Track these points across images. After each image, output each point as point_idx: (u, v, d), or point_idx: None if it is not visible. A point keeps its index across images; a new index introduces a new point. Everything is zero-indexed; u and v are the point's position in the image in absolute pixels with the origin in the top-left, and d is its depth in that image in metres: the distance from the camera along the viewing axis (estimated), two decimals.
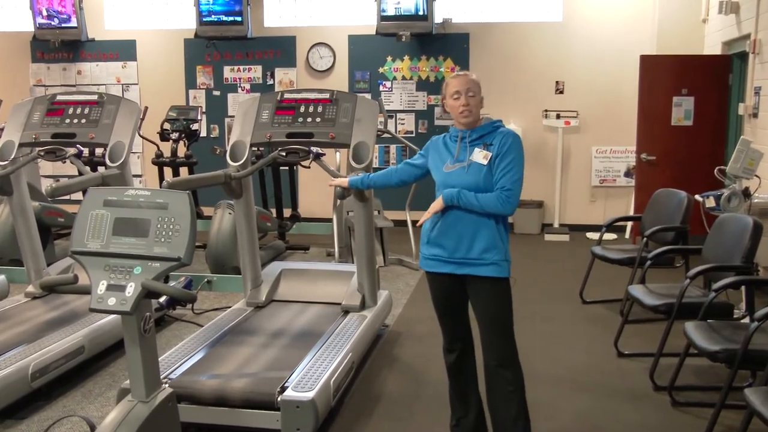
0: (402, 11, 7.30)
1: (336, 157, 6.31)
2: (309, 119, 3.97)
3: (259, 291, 4.30)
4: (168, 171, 6.71)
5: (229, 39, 7.80)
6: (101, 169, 4.65)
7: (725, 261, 3.60)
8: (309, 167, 4.25)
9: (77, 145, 4.28)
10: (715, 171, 4.74)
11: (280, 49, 8.00)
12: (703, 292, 3.77)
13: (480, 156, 2.64)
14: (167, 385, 2.72)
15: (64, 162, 4.31)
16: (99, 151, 6.29)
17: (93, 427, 2.65)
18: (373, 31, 7.46)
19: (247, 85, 8.12)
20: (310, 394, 2.94)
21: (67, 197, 4.85)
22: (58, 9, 7.96)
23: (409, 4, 7.27)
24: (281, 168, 6.76)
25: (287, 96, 4.09)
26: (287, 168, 6.84)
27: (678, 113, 6.52)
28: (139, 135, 6.16)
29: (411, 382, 3.70)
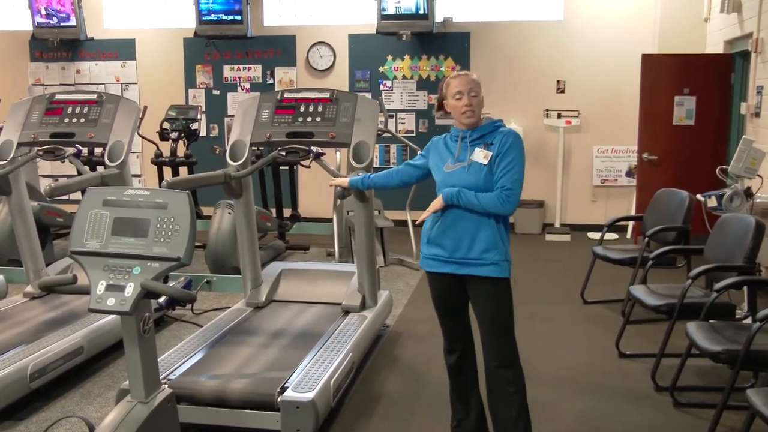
0: (402, 10, 7.29)
1: (336, 157, 6.30)
2: (309, 119, 3.97)
3: (259, 291, 4.29)
4: (167, 171, 6.70)
5: (228, 38, 7.79)
6: (100, 168, 4.64)
7: (727, 261, 3.59)
8: (309, 167, 4.24)
9: (76, 145, 4.28)
10: (717, 171, 4.73)
11: (280, 48, 7.99)
12: (704, 293, 3.76)
13: (480, 156, 2.64)
14: (166, 385, 2.70)
15: (62, 162, 4.30)
16: (98, 150, 6.29)
17: (92, 428, 2.65)
18: (374, 30, 7.46)
19: (247, 85, 8.11)
20: (310, 395, 2.93)
21: (66, 197, 4.84)
22: (57, 8, 7.95)
23: (410, 3, 7.26)
24: (281, 168, 6.75)
25: (287, 95, 4.08)
26: (287, 168, 6.83)
27: (680, 112, 6.50)
28: (139, 134, 6.16)
29: (411, 383, 3.69)
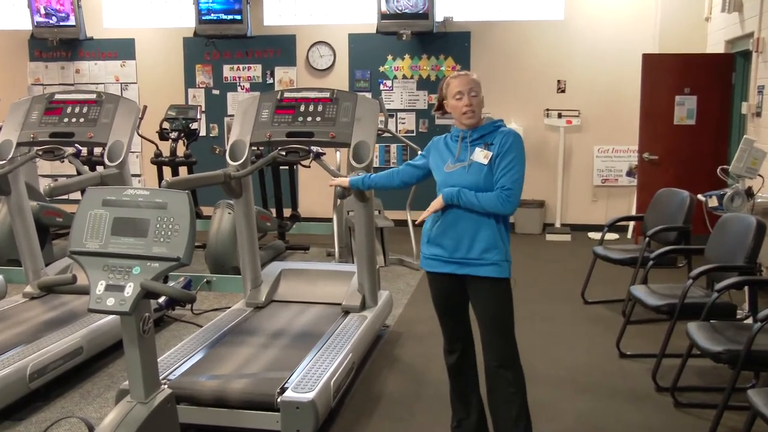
0: (403, 10, 7.27)
1: (336, 157, 6.29)
2: (309, 118, 3.96)
3: (259, 291, 4.29)
4: (167, 170, 6.69)
5: (228, 37, 7.78)
6: (100, 168, 4.64)
7: (728, 261, 3.59)
8: (309, 167, 4.23)
9: (76, 145, 4.27)
10: (718, 170, 4.72)
11: (279, 47, 7.98)
12: (705, 293, 3.75)
13: (481, 156, 2.63)
14: (166, 385, 2.69)
15: (62, 161, 4.30)
16: (97, 150, 6.28)
17: (91, 429, 2.64)
18: (374, 30, 7.45)
19: (247, 84, 8.10)
20: (310, 395, 2.92)
21: (65, 197, 4.82)
22: (56, 7, 7.94)
23: (410, 2, 7.25)
24: (281, 167, 6.74)
25: (287, 95, 4.08)
26: (287, 167, 6.82)
27: (680, 112, 6.50)
28: (138, 134, 6.15)
29: (412, 383, 3.68)
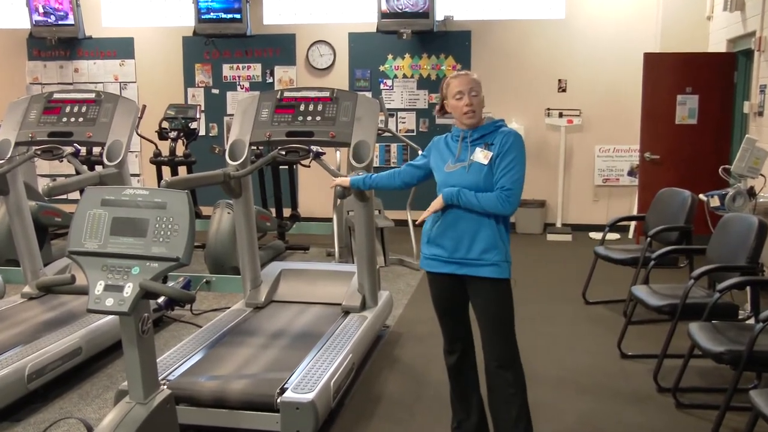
0: (403, 9, 7.26)
1: (336, 156, 6.28)
2: (309, 118, 3.95)
3: (259, 291, 4.28)
4: (166, 170, 6.68)
5: (228, 37, 7.77)
6: (99, 168, 4.62)
7: (730, 261, 3.58)
8: (309, 166, 4.22)
9: (74, 144, 4.26)
10: (720, 170, 4.71)
11: (279, 46, 7.96)
12: (707, 293, 3.75)
13: (481, 156, 2.63)
14: (165, 386, 2.69)
15: (61, 161, 4.29)
16: (96, 150, 6.25)
17: (90, 429, 2.64)
18: (374, 29, 7.44)
19: (247, 84, 8.09)
20: (310, 396, 2.92)
21: (64, 197, 4.80)
22: (55, 6, 7.93)
23: (410, 1, 7.23)
24: (281, 167, 6.73)
25: (287, 94, 4.07)
26: (287, 167, 6.81)
27: (682, 111, 6.48)
28: (137, 134, 6.14)
29: (412, 384, 3.67)
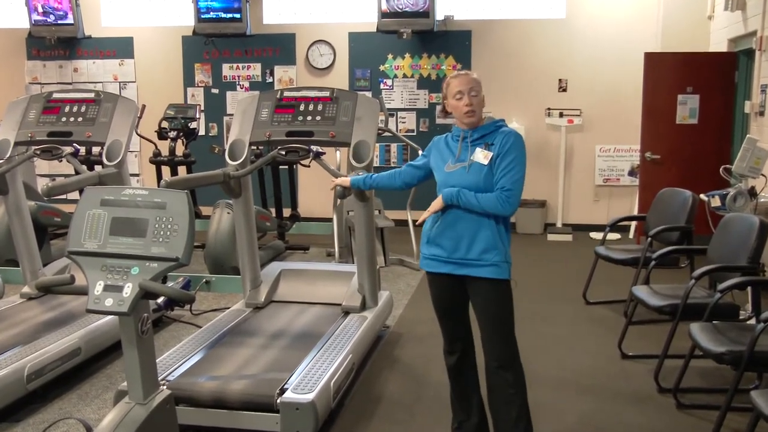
0: (403, 8, 7.25)
1: (336, 156, 6.27)
2: (309, 118, 3.95)
3: (259, 292, 4.27)
4: (166, 170, 6.67)
5: (227, 36, 7.76)
6: (98, 168, 4.61)
7: (731, 261, 3.58)
8: (309, 166, 4.21)
9: (74, 144, 4.26)
10: (721, 170, 4.70)
11: (279, 46, 7.95)
12: (708, 293, 3.74)
13: (481, 156, 2.63)
14: (165, 386, 2.69)
15: (60, 161, 4.28)
16: (96, 149, 6.24)
17: (90, 430, 2.63)
18: (374, 29, 7.43)
19: (246, 83, 8.08)
20: (310, 396, 2.91)
21: (63, 197, 4.80)
22: (54, 5, 7.91)
23: (411, 0, 7.22)
24: (281, 167, 6.72)
25: (287, 94, 4.07)
26: (287, 167, 6.80)
27: (683, 111, 6.47)
28: (137, 133, 6.13)
29: (412, 384, 3.67)
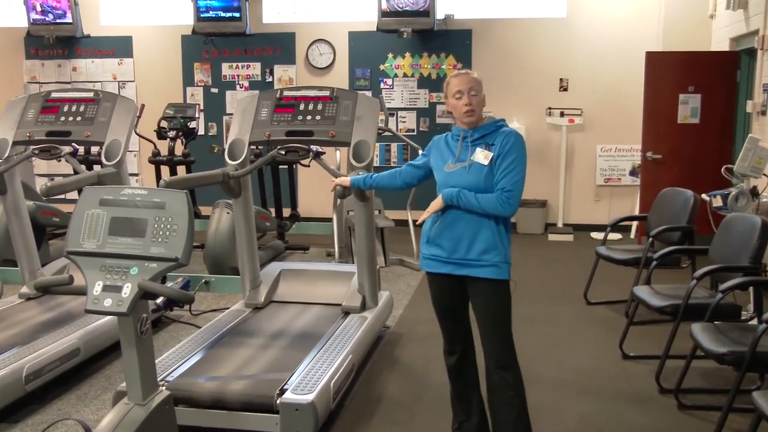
0: (403, 7, 7.24)
1: (336, 156, 6.26)
2: (309, 117, 3.94)
3: (258, 292, 4.27)
4: (165, 170, 6.65)
5: (227, 35, 7.75)
6: (97, 167, 4.60)
7: (732, 261, 3.57)
8: (309, 166, 4.21)
9: (72, 144, 4.25)
10: (723, 170, 4.70)
11: (279, 45, 7.94)
12: (709, 293, 3.73)
13: (481, 156, 2.62)
14: (164, 387, 2.70)
15: (59, 161, 4.27)
16: (95, 149, 6.23)
17: (88, 431, 2.61)
18: (374, 28, 7.41)
19: (246, 83, 8.06)
20: (310, 397, 2.90)
21: (62, 196, 4.80)
22: (53, 4, 7.90)
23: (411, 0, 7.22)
24: (280, 167, 6.71)
25: (286, 93, 4.06)
26: (286, 167, 6.79)
27: (684, 111, 6.46)
28: (136, 133, 6.11)
29: (412, 385, 3.66)
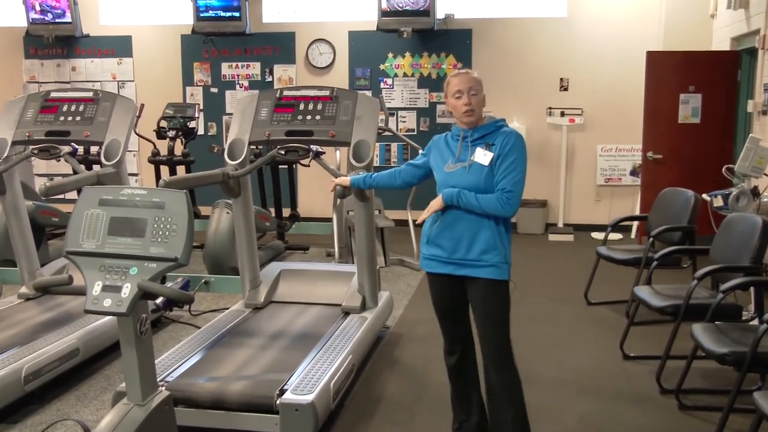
0: (403, 7, 7.23)
1: (336, 156, 6.25)
2: (308, 117, 3.94)
3: (258, 292, 4.26)
4: (165, 170, 6.65)
5: (227, 35, 7.74)
6: (96, 167, 4.60)
7: (733, 261, 3.56)
8: (308, 166, 4.20)
9: (72, 143, 4.24)
10: (723, 170, 4.68)
11: (279, 45, 7.93)
12: (710, 294, 3.73)
13: (482, 156, 2.62)
14: (164, 388, 2.70)
15: (58, 160, 4.27)
16: (94, 149, 6.22)
17: (88, 431, 2.60)
18: (374, 27, 7.41)
19: (246, 82, 8.05)
20: (310, 397, 2.90)
21: (61, 196, 4.80)
22: (52, 4, 7.89)
23: None
24: (280, 167, 6.71)
25: (286, 93, 4.06)
26: (286, 166, 6.79)
27: (685, 110, 6.46)
28: (135, 133, 6.10)
29: (412, 385, 3.65)
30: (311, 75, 7.90)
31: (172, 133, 6.51)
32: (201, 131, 7.65)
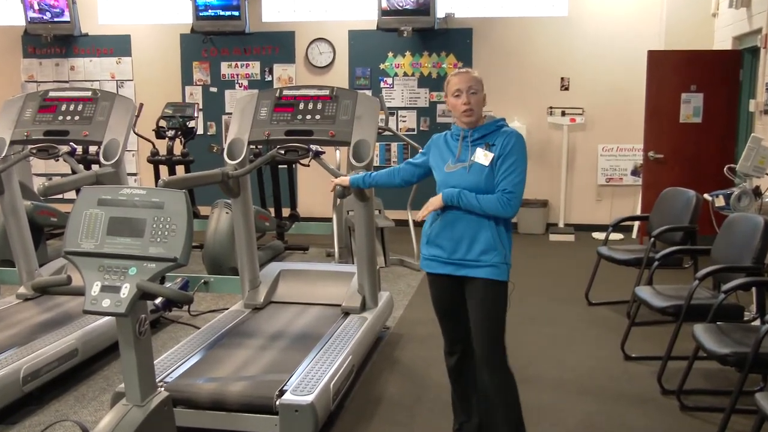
0: (403, 6, 7.22)
1: (336, 156, 6.24)
2: (308, 116, 3.94)
3: (257, 292, 4.25)
4: (164, 169, 6.64)
5: (226, 34, 7.72)
6: (95, 167, 4.59)
7: (735, 262, 3.56)
8: (308, 165, 4.19)
9: (70, 143, 4.24)
10: (725, 169, 4.68)
11: (278, 44, 7.92)
12: (712, 294, 3.73)
13: (482, 156, 2.61)
14: (163, 388, 2.69)
15: (56, 160, 4.26)
16: (93, 149, 6.21)
17: None
18: (374, 27, 7.39)
19: (245, 82, 8.04)
20: (310, 398, 2.89)
21: (60, 196, 4.79)
22: (51, 3, 7.88)
23: None
24: (280, 166, 6.70)
25: (286, 92, 4.06)
26: (286, 166, 6.77)
27: (687, 110, 6.45)
28: (134, 132, 6.09)
29: (412, 386, 3.65)
30: (311, 74, 7.89)
31: (171, 133, 6.50)
32: (200, 131, 7.64)
